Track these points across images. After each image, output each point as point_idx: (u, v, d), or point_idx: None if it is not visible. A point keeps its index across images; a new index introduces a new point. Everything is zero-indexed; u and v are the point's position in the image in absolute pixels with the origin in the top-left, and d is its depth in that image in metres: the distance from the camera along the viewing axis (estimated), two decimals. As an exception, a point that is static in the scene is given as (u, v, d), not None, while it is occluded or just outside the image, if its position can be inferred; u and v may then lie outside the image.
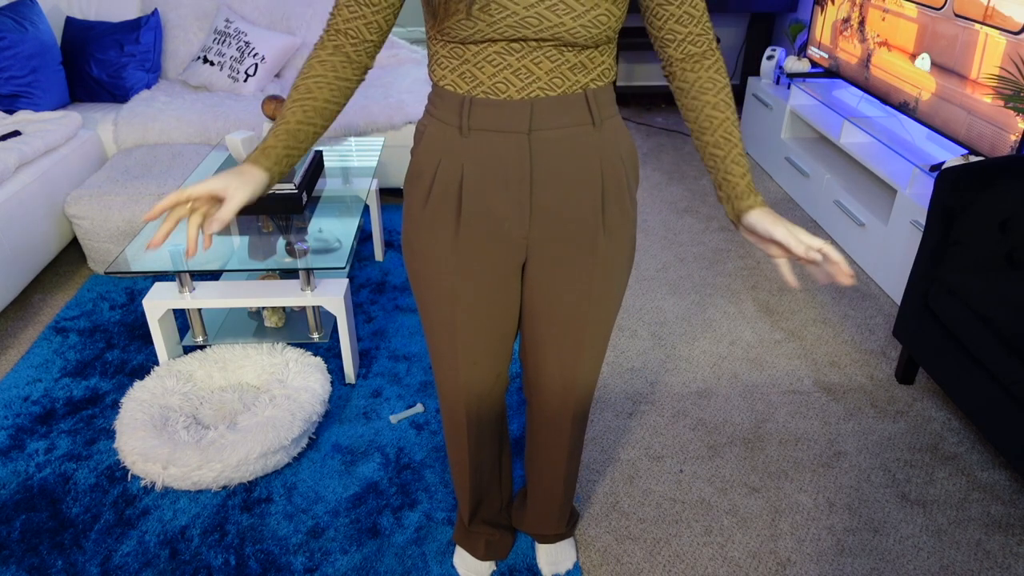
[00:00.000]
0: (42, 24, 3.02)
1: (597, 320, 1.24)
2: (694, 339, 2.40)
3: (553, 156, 1.08)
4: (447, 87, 1.08)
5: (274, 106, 2.18)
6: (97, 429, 2.00)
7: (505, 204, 1.11)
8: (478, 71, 1.04)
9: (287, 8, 3.50)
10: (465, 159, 1.09)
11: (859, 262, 2.82)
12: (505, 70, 1.03)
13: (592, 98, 1.07)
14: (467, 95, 1.06)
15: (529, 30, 0.99)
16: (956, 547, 1.68)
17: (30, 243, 2.48)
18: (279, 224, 2.18)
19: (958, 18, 2.42)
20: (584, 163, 1.10)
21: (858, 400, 2.13)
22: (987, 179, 1.88)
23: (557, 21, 0.98)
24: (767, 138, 3.65)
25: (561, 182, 1.10)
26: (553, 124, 1.06)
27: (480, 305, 1.21)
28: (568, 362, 1.29)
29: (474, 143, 1.08)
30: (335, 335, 2.38)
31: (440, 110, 1.10)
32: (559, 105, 1.06)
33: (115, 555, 1.64)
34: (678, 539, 1.70)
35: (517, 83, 1.03)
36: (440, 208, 1.13)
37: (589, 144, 1.09)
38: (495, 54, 1.02)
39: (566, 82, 1.05)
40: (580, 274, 1.18)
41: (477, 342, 1.26)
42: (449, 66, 1.06)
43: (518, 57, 1.02)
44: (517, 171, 1.08)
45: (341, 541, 1.68)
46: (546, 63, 1.03)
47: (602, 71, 1.08)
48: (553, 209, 1.11)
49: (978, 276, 1.88)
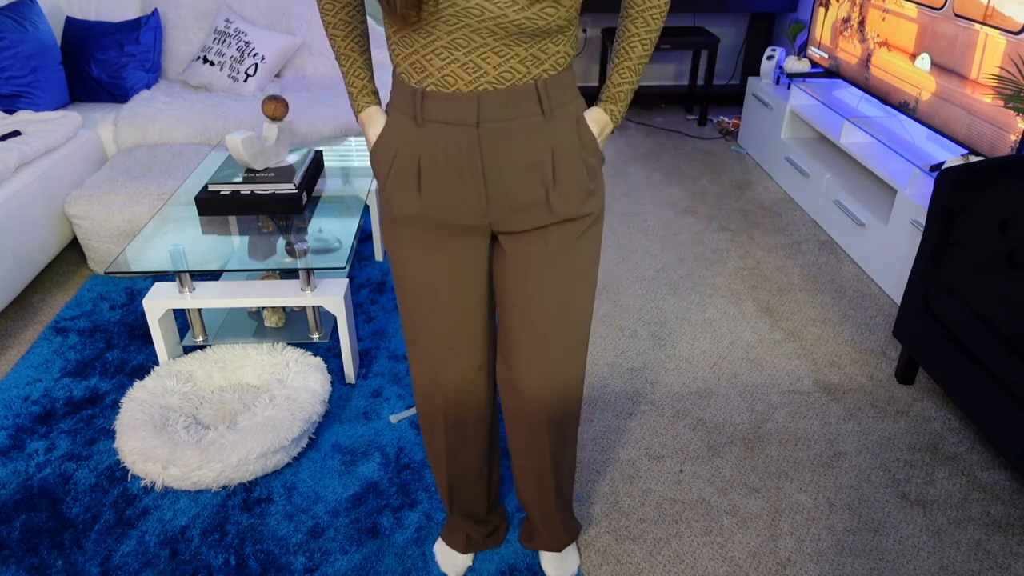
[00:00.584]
0: (42, 24, 3.02)
1: (564, 310, 1.24)
2: (694, 339, 2.40)
3: (501, 147, 1.10)
4: (402, 75, 1.11)
5: (274, 106, 2.18)
6: (97, 429, 2.00)
7: (460, 192, 1.13)
8: (427, 63, 1.06)
9: (287, 8, 3.50)
10: (421, 149, 1.12)
11: (859, 262, 2.82)
12: (453, 64, 1.04)
13: (543, 88, 1.08)
14: (419, 87, 1.08)
15: (472, 19, 0.99)
16: (956, 547, 1.68)
17: (30, 243, 2.48)
18: (279, 224, 2.18)
19: (958, 18, 2.42)
20: (532, 152, 1.11)
21: (858, 400, 2.13)
22: (987, 179, 1.88)
23: (499, 12, 0.99)
24: (767, 138, 3.65)
25: (512, 172, 1.11)
26: (501, 116, 1.08)
27: (452, 285, 1.23)
28: (538, 357, 1.27)
29: (428, 133, 1.10)
30: (335, 335, 2.38)
31: (398, 98, 1.13)
32: (507, 97, 1.07)
33: (115, 555, 1.64)
34: (678, 539, 1.70)
35: (465, 76, 1.05)
36: (401, 190, 1.16)
37: (538, 133, 1.10)
38: (442, 48, 1.03)
39: (516, 75, 1.06)
40: (541, 262, 1.19)
41: (452, 328, 1.27)
42: (401, 54, 1.08)
43: (465, 52, 1.03)
44: (469, 162, 1.10)
45: (341, 541, 1.68)
46: (494, 58, 1.03)
47: (556, 60, 1.08)
48: (507, 196, 1.13)
49: (978, 276, 1.88)
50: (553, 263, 1.20)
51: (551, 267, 1.20)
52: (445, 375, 1.33)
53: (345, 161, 2.62)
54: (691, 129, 4.26)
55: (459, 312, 1.27)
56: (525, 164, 1.11)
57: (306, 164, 2.29)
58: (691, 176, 3.64)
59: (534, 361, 1.28)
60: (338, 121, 3.02)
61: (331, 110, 3.04)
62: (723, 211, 3.27)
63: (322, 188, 2.40)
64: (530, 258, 1.20)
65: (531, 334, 1.25)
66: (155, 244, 2.06)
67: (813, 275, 2.76)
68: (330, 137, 2.97)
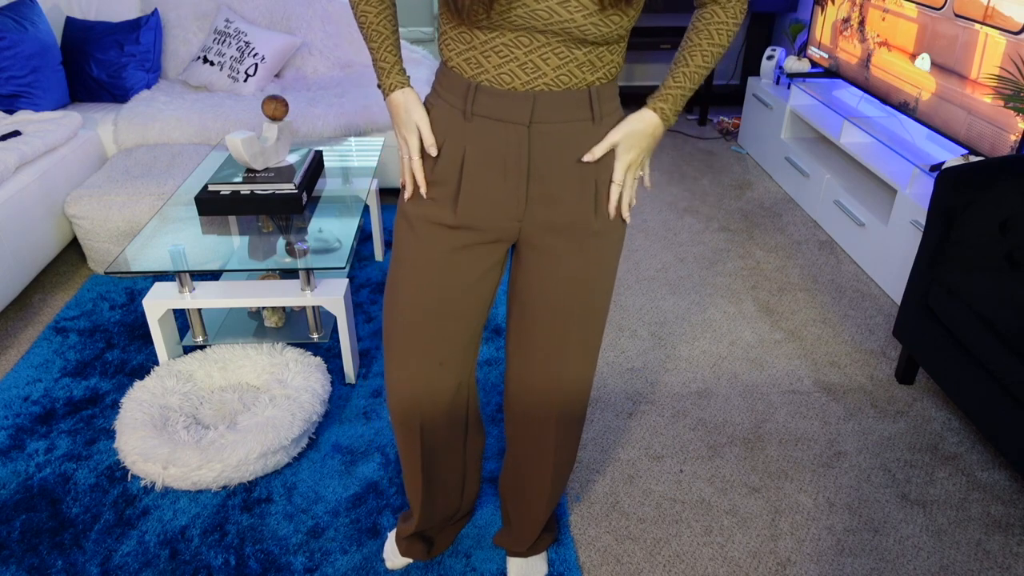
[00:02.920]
0: (42, 24, 3.02)
1: (586, 311, 1.24)
2: (694, 339, 2.40)
3: (550, 149, 1.09)
4: (454, 68, 1.08)
5: (274, 106, 2.18)
6: (97, 429, 2.00)
7: (501, 191, 1.12)
8: (484, 59, 1.05)
9: (287, 8, 3.50)
10: (467, 142, 1.10)
11: (859, 262, 2.82)
12: (511, 63, 1.03)
13: (595, 95, 1.08)
14: (472, 80, 1.06)
15: (539, 22, 0.99)
16: (956, 547, 1.68)
17: (30, 243, 2.48)
18: (279, 224, 2.18)
19: (958, 18, 2.42)
20: (580, 157, 1.11)
21: (858, 400, 2.13)
22: (987, 179, 1.88)
23: (568, 17, 0.99)
24: (767, 138, 3.65)
25: (557, 174, 1.11)
26: (553, 118, 1.07)
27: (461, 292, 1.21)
28: (554, 355, 1.26)
29: (476, 128, 1.09)
30: (335, 335, 2.38)
31: (446, 91, 1.11)
32: (562, 100, 1.06)
33: (115, 555, 1.64)
34: (678, 539, 1.70)
35: (523, 76, 1.04)
36: (441, 187, 1.14)
37: (587, 139, 1.10)
38: (503, 45, 1.02)
39: (572, 79, 1.05)
40: (571, 264, 1.19)
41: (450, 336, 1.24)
42: (456, 49, 1.07)
43: (525, 51, 1.02)
44: (515, 161, 1.09)
45: (341, 541, 1.68)
46: (554, 59, 1.03)
47: (609, 69, 1.09)
48: (548, 200, 1.12)
49: (978, 276, 1.88)
50: (580, 266, 1.19)
51: (577, 270, 1.19)
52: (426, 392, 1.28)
53: (345, 161, 2.62)
54: (691, 129, 4.27)
55: (459, 327, 1.25)
56: (571, 168, 1.10)
57: (306, 164, 2.29)
58: (691, 176, 3.64)
59: (550, 361, 1.27)
60: (338, 121, 3.02)
61: (331, 110, 3.04)
62: (723, 211, 3.27)
63: (322, 188, 2.40)
64: (556, 262, 1.19)
65: (551, 335, 1.25)
66: (155, 244, 2.06)
67: (813, 275, 2.76)
68: (330, 137, 2.97)
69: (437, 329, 1.24)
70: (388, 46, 1.14)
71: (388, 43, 1.14)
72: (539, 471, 1.42)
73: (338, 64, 3.54)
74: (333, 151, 2.72)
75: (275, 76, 3.49)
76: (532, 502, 1.48)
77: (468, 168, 1.11)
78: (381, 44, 1.14)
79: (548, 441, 1.37)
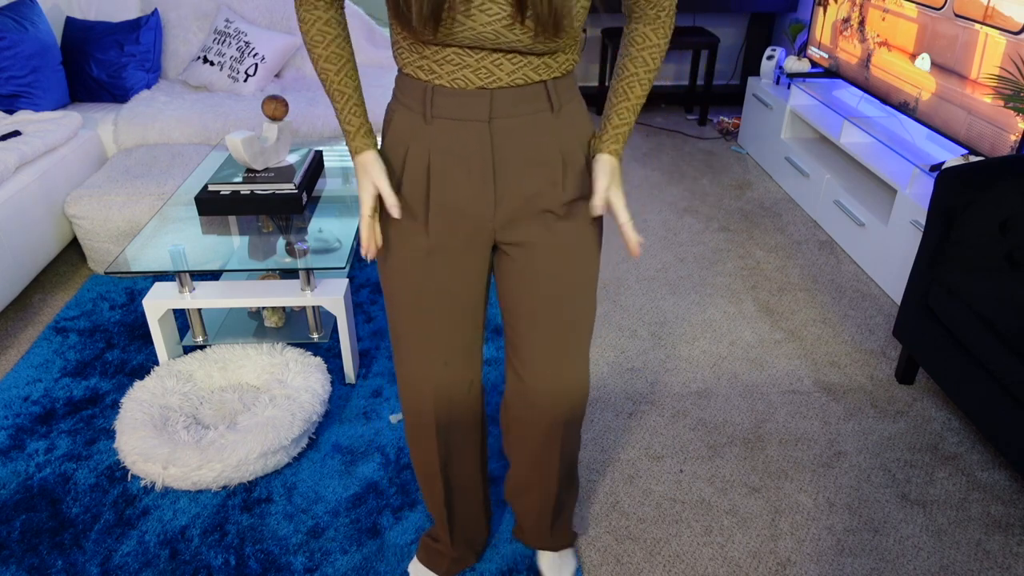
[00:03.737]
0: (42, 24, 3.02)
1: (574, 302, 1.24)
2: (694, 339, 2.40)
3: (513, 142, 1.10)
4: (409, 74, 1.09)
5: (274, 106, 2.18)
6: (97, 429, 2.00)
7: (470, 190, 1.12)
8: (438, 67, 1.06)
9: (287, 8, 3.50)
10: (431, 146, 1.11)
11: (859, 262, 2.82)
12: (465, 69, 1.05)
13: (552, 88, 1.10)
14: (429, 83, 1.07)
15: (487, 41, 1.01)
16: (956, 547, 1.68)
17: (30, 243, 2.48)
18: (279, 224, 2.18)
19: (958, 18, 2.42)
20: (543, 146, 1.12)
21: (858, 400, 2.13)
22: (987, 179, 1.88)
23: (514, 38, 1.01)
24: (767, 138, 3.65)
25: (522, 165, 1.12)
26: (512, 112, 1.08)
27: (450, 294, 1.22)
28: (554, 358, 1.27)
29: (437, 130, 1.09)
30: (335, 335, 2.38)
31: (405, 96, 1.11)
32: (519, 95, 1.07)
33: (115, 555, 1.64)
34: (678, 539, 1.70)
35: (477, 80, 1.05)
36: (410, 195, 1.15)
37: (548, 128, 1.11)
38: (454, 54, 1.04)
39: (528, 80, 1.07)
40: (550, 255, 1.19)
41: (449, 336, 1.25)
42: (409, 57, 1.08)
43: (477, 59, 1.04)
44: (479, 158, 1.10)
45: (341, 541, 1.68)
46: (507, 65, 1.05)
47: (564, 66, 1.10)
48: (516, 193, 1.13)
49: (978, 276, 1.88)
50: (556, 258, 1.20)
51: (553, 262, 1.20)
52: (439, 391, 1.30)
53: (345, 161, 2.62)
54: (691, 129, 4.26)
55: (456, 328, 1.26)
56: (536, 159, 1.12)
57: (306, 164, 2.29)
58: (691, 176, 3.64)
59: (549, 363, 1.27)
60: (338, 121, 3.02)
61: (331, 110, 3.04)
62: (723, 211, 3.27)
63: (322, 188, 2.40)
64: (532, 258, 1.20)
65: (546, 336, 1.25)
66: (155, 244, 2.06)
67: (813, 275, 2.76)
68: (330, 137, 2.97)
69: (434, 332, 1.25)
70: (352, 107, 1.14)
71: (351, 103, 1.14)
72: (546, 475, 1.42)
73: (338, 64, 3.53)
74: (333, 151, 2.72)
75: (275, 76, 3.49)
76: (542, 500, 1.47)
77: (435, 173, 1.12)
78: (345, 105, 1.14)
79: (553, 444, 1.37)
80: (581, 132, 1.16)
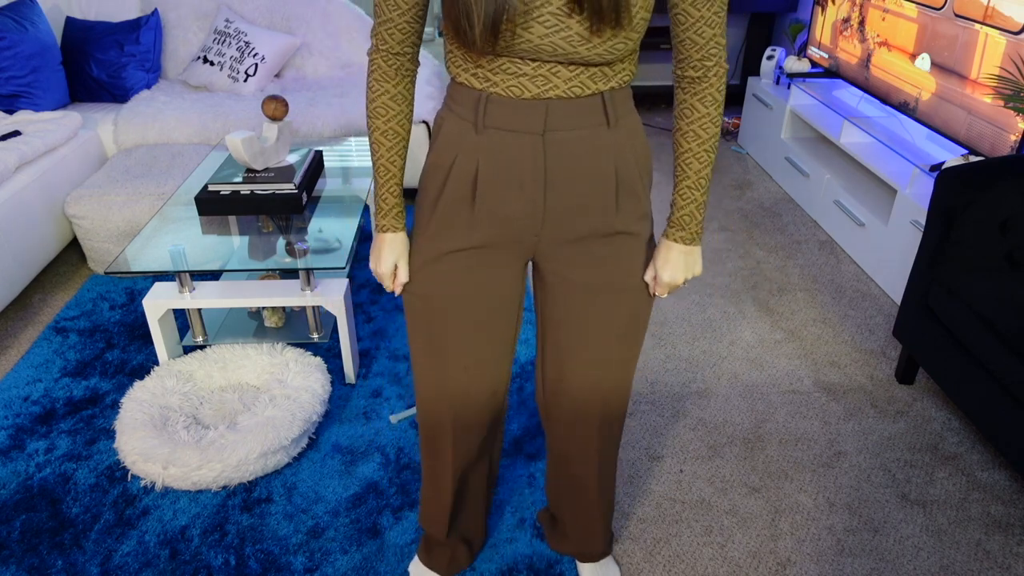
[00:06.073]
0: (42, 24, 3.02)
1: (623, 321, 1.22)
2: (694, 339, 2.40)
3: (567, 157, 1.07)
4: (463, 83, 1.07)
5: (274, 106, 2.18)
6: (97, 429, 2.00)
7: (518, 204, 1.10)
8: (492, 75, 1.03)
9: (287, 8, 3.50)
10: (480, 156, 1.08)
11: (859, 262, 2.82)
12: (522, 77, 1.02)
13: (608, 100, 1.06)
14: (483, 92, 1.05)
15: (544, 53, 0.99)
16: (956, 547, 1.68)
17: (30, 243, 2.48)
18: (279, 224, 2.18)
19: (958, 18, 2.42)
20: (598, 163, 1.09)
21: (858, 400, 2.13)
22: (987, 179, 1.88)
23: (571, 50, 0.98)
24: (767, 138, 3.65)
25: (575, 182, 1.09)
26: (568, 125, 1.05)
27: (484, 304, 1.20)
28: (593, 366, 1.26)
29: (488, 141, 1.07)
30: (335, 335, 2.38)
31: (457, 104, 1.09)
32: (575, 107, 1.05)
33: (115, 555, 1.65)
34: (678, 539, 1.70)
35: (533, 88, 1.03)
36: (454, 204, 1.12)
37: (603, 144, 1.08)
38: (510, 63, 1.01)
39: (585, 89, 1.04)
40: (599, 273, 1.17)
41: (476, 345, 1.24)
42: (463, 66, 1.05)
43: (534, 67, 1.01)
44: (531, 172, 1.07)
45: (341, 541, 1.68)
46: (564, 72, 1.02)
47: (622, 77, 1.07)
48: (566, 209, 1.10)
49: (978, 276, 1.88)
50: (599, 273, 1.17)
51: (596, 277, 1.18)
52: (462, 398, 1.29)
53: (345, 161, 2.63)
54: (691, 129, 4.26)
55: (485, 337, 1.24)
56: (589, 175, 1.09)
57: (306, 164, 2.29)
58: (691, 176, 3.63)
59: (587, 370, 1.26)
60: (338, 121, 3.02)
61: (331, 110, 3.04)
62: (723, 211, 3.27)
63: (322, 188, 2.40)
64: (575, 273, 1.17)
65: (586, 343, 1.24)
66: (155, 244, 2.06)
67: (813, 275, 2.76)
68: (330, 137, 2.97)
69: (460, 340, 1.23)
70: (392, 186, 1.16)
71: (393, 182, 1.16)
72: (585, 472, 1.42)
73: (338, 64, 3.54)
74: (333, 151, 2.72)
75: (275, 76, 3.49)
76: (584, 503, 1.47)
77: (482, 184, 1.09)
78: (387, 182, 1.16)
79: (591, 446, 1.37)
80: (637, 150, 1.12)
